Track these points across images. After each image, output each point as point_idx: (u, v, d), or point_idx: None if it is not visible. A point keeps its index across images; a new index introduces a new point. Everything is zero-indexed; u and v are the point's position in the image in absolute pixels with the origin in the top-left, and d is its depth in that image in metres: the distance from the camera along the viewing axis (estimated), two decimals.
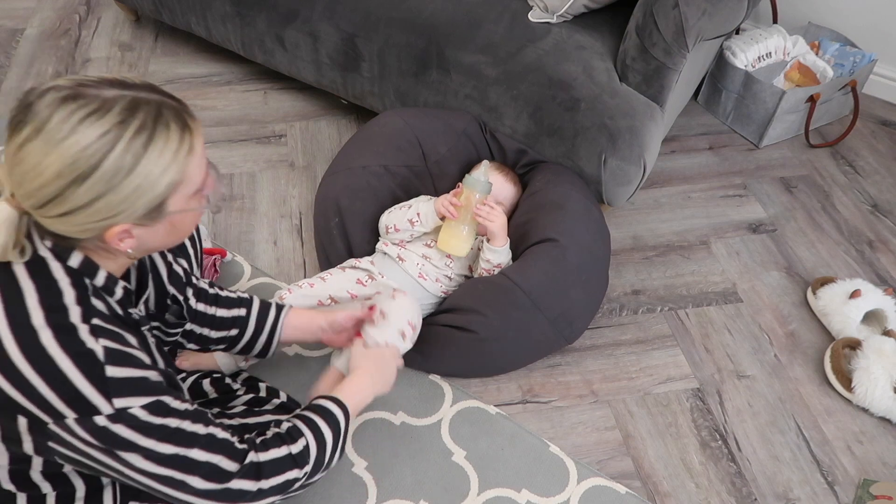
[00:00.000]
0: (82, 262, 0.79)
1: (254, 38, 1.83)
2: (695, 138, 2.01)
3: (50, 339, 0.74)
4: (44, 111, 0.71)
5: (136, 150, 0.73)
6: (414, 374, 1.38)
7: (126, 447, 0.78)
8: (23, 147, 0.71)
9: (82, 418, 0.75)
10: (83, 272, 0.79)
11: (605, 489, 1.25)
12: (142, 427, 0.78)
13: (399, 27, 1.61)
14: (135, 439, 0.78)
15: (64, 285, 0.77)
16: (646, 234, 1.73)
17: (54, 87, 0.72)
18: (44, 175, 0.71)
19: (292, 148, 1.87)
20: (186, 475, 0.83)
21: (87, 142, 0.71)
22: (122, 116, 0.72)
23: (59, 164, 0.70)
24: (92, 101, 0.71)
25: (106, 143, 0.71)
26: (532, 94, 1.52)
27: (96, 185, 0.72)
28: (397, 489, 1.23)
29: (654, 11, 1.38)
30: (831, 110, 2.02)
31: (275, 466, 0.91)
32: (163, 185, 0.76)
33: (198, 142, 0.79)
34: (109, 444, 0.77)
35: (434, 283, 1.40)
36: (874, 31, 2.08)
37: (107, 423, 0.76)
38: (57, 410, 0.74)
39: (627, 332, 1.51)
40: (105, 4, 2.30)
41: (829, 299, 1.53)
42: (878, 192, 1.88)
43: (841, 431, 1.37)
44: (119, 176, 0.72)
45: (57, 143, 0.70)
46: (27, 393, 0.74)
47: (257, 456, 0.90)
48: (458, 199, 1.37)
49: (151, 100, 0.75)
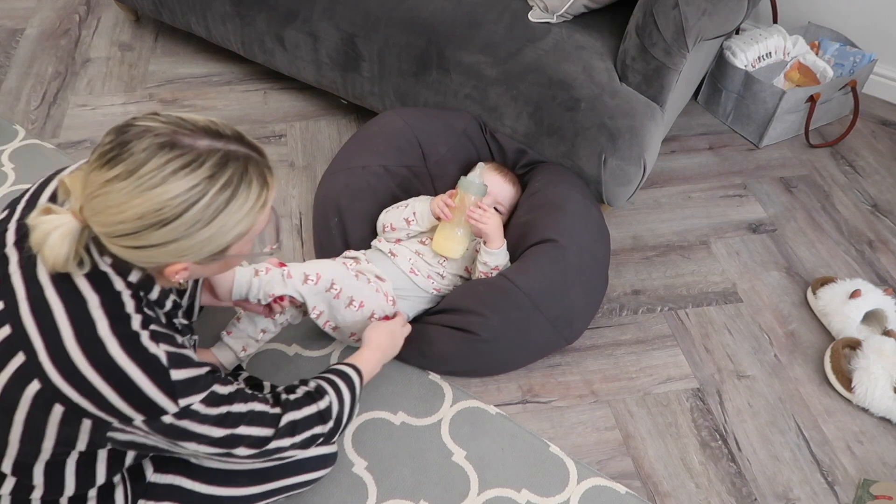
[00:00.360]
0: (140, 278, 0.83)
1: (254, 38, 1.83)
2: (695, 138, 2.01)
3: (117, 348, 0.78)
4: (139, 154, 0.74)
5: (219, 204, 0.77)
6: (414, 374, 1.38)
7: (186, 437, 0.84)
8: (111, 183, 0.74)
9: (150, 420, 0.80)
10: (141, 286, 0.84)
11: (605, 489, 1.25)
12: (201, 418, 0.84)
13: (399, 27, 1.61)
14: (194, 429, 0.84)
15: (125, 297, 0.81)
16: (646, 234, 1.73)
17: (152, 130, 0.75)
18: (126, 213, 0.74)
19: (292, 148, 1.87)
20: (233, 448, 0.89)
21: (176, 192, 0.74)
22: (213, 171, 0.76)
23: (143, 208, 0.74)
24: (187, 152, 0.75)
25: (193, 195, 0.75)
26: (532, 94, 1.52)
27: (173, 231, 0.76)
28: (397, 489, 1.23)
29: (654, 11, 1.38)
30: (831, 110, 2.02)
31: (306, 423, 0.98)
32: (232, 236, 0.81)
33: (271, 196, 0.85)
34: (172, 438, 0.83)
35: (426, 280, 1.40)
36: (874, 31, 2.08)
37: (172, 420, 0.81)
38: (125, 415, 0.79)
39: (627, 332, 1.51)
40: (105, 4, 2.30)
41: (829, 299, 1.53)
42: (878, 192, 1.88)
43: (841, 431, 1.37)
44: (197, 226, 0.77)
45: (146, 189, 0.73)
46: (97, 401, 0.78)
47: (292, 415, 0.96)
48: (452, 201, 1.37)
49: (240, 154, 0.79)
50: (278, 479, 1.08)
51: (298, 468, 1.10)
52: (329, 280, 1.26)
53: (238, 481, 1.05)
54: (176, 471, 1.01)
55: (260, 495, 1.08)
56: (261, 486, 1.07)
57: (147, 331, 0.81)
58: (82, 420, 0.79)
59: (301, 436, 0.97)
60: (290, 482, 1.10)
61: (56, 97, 1.97)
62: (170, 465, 1.01)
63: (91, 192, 0.75)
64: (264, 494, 1.08)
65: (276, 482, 1.08)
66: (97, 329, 0.78)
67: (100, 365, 0.77)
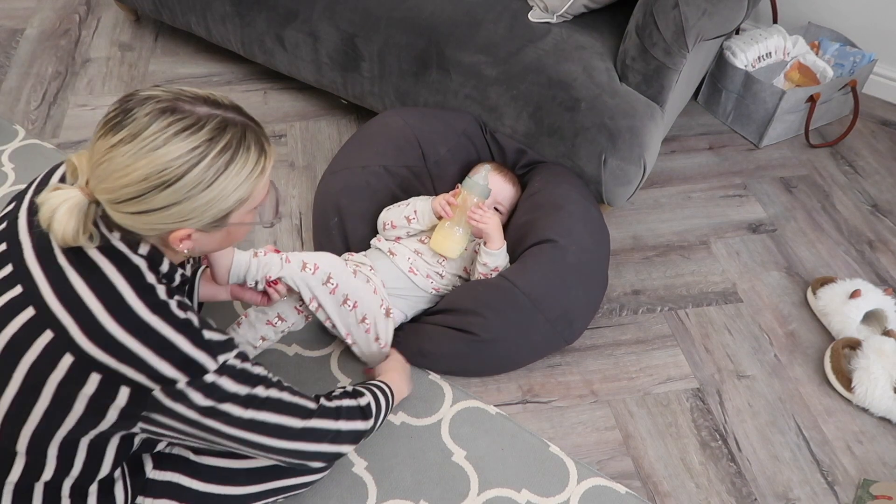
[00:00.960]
0: (150, 251, 0.86)
1: (254, 38, 1.83)
2: (695, 138, 2.01)
3: (149, 314, 0.81)
4: (142, 119, 0.77)
5: (219, 166, 0.80)
6: (414, 374, 1.38)
7: (229, 399, 0.85)
8: (116, 147, 0.77)
9: (193, 380, 0.82)
10: (151, 259, 0.86)
11: (605, 489, 1.25)
12: (239, 374, 0.86)
13: (399, 27, 1.61)
14: (236, 389, 0.86)
15: (144, 269, 0.84)
16: (646, 234, 1.73)
17: (154, 97, 0.79)
18: (130, 176, 0.77)
19: (292, 148, 1.87)
20: (276, 415, 0.90)
21: (178, 153, 0.77)
22: (212, 134, 0.79)
23: (147, 170, 0.77)
24: (187, 116, 0.78)
25: (194, 157, 0.78)
26: (532, 94, 1.52)
27: (176, 193, 0.79)
28: (397, 489, 1.23)
29: (654, 11, 1.38)
30: (831, 110, 2.02)
31: (350, 412, 1.01)
32: (232, 201, 0.83)
33: (269, 165, 0.87)
34: (215, 399, 0.84)
35: (425, 279, 1.40)
36: (874, 31, 2.08)
37: (214, 378, 0.83)
38: (167, 377, 0.81)
39: (627, 332, 1.51)
40: (105, 4, 2.30)
41: (829, 299, 1.53)
42: (878, 192, 1.88)
43: (841, 431, 1.37)
44: (198, 188, 0.79)
45: (150, 151, 0.77)
46: (137, 365, 0.80)
47: (332, 402, 1.00)
48: (454, 199, 1.38)
49: (238, 121, 0.82)
50: (276, 480, 1.08)
51: (296, 470, 1.10)
52: (326, 273, 1.26)
53: (236, 480, 1.05)
54: (174, 468, 1.01)
55: (257, 495, 1.07)
56: (258, 485, 1.07)
57: (173, 300, 0.84)
58: (119, 388, 0.80)
59: (347, 424, 1.00)
60: (288, 483, 1.10)
61: (56, 97, 1.97)
62: (168, 463, 1.01)
63: (97, 160, 0.78)
64: (261, 494, 1.08)
65: (274, 482, 1.08)
66: (126, 299, 0.81)
67: (136, 331, 0.80)
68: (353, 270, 1.32)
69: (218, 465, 1.04)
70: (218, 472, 1.04)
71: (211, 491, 1.03)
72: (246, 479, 1.06)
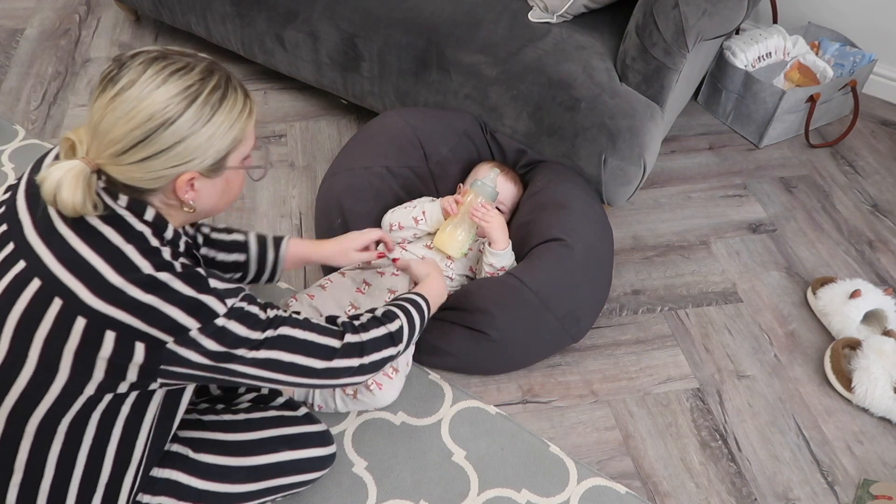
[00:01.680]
0: (155, 216, 0.88)
1: (254, 38, 1.83)
2: (695, 138, 2.01)
3: (156, 271, 0.83)
4: (137, 67, 0.82)
5: (213, 103, 0.85)
6: (414, 374, 1.38)
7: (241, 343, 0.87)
8: (119, 95, 0.81)
9: (205, 325, 0.84)
10: (156, 225, 0.88)
11: (605, 489, 1.25)
12: (247, 317, 0.88)
13: (399, 27, 1.61)
14: (246, 333, 0.87)
15: (148, 234, 0.86)
16: (646, 234, 1.73)
17: (143, 51, 0.85)
18: (136, 118, 0.81)
19: (292, 148, 1.87)
20: (294, 355, 0.92)
21: (176, 91, 0.82)
22: (203, 75, 0.84)
23: (151, 109, 0.81)
24: (178, 61, 0.84)
25: (190, 94, 0.83)
26: (532, 94, 1.52)
27: (179, 129, 0.82)
28: (397, 489, 1.23)
29: (654, 11, 1.38)
30: (831, 110, 2.02)
31: (376, 344, 1.01)
32: (229, 139, 0.87)
33: (255, 108, 0.92)
34: (227, 345, 0.86)
35: None
36: (874, 31, 2.08)
37: (224, 321, 0.85)
38: (181, 325, 0.83)
39: (627, 332, 1.51)
40: (105, 4, 2.30)
41: (829, 299, 1.53)
42: (878, 192, 1.88)
43: (841, 431, 1.37)
44: (198, 124, 0.84)
45: (151, 91, 0.81)
46: (149, 317, 0.81)
47: (359, 336, 1.00)
48: (462, 199, 1.39)
49: (221, 67, 0.88)
50: (275, 478, 1.09)
51: (296, 468, 1.11)
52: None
53: (234, 478, 1.05)
54: (173, 465, 1.01)
55: (256, 493, 1.08)
56: (257, 483, 1.07)
57: (177, 261, 0.86)
58: (135, 345, 0.82)
59: (371, 356, 1.00)
60: (287, 482, 1.10)
61: (56, 97, 1.97)
62: (167, 460, 1.01)
63: (98, 117, 0.82)
64: (260, 492, 1.08)
65: (273, 481, 1.09)
66: (132, 259, 0.83)
67: (144, 284, 0.81)
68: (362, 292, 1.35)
69: (217, 463, 1.04)
70: (217, 469, 1.04)
71: (210, 488, 1.03)
72: (245, 476, 1.06)
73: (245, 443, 1.07)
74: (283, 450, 1.09)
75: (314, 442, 1.14)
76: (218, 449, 1.05)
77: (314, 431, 1.15)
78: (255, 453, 1.07)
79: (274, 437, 1.10)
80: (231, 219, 1.67)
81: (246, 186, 1.75)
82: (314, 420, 1.17)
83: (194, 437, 1.05)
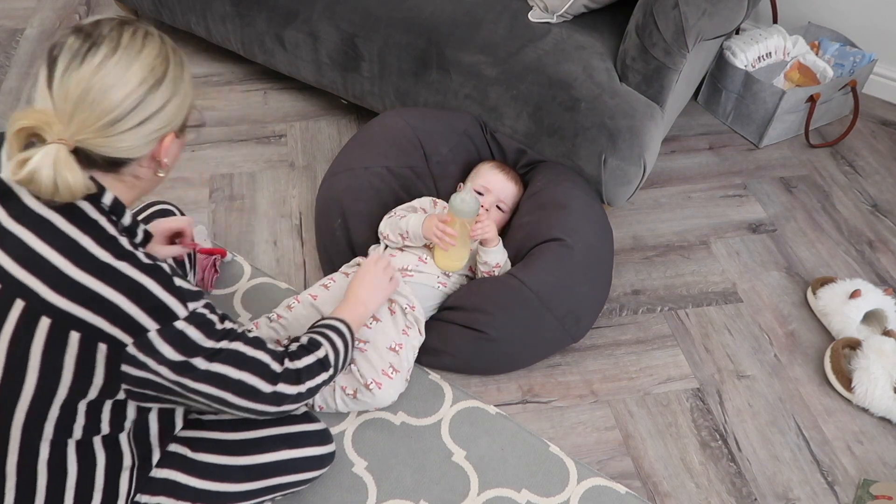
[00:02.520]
0: (113, 201, 0.86)
1: (254, 38, 1.83)
2: (695, 138, 2.01)
3: (118, 262, 0.81)
4: (112, 34, 0.82)
5: (179, 61, 0.87)
6: (414, 374, 1.38)
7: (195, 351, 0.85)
8: (102, 65, 0.80)
9: (164, 327, 0.82)
10: (113, 212, 0.87)
11: (605, 489, 1.25)
12: (206, 324, 0.86)
13: (399, 27, 1.61)
14: (203, 341, 0.86)
15: (103, 223, 0.84)
16: (646, 234, 1.73)
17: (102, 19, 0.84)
18: (129, 84, 0.81)
19: (292, 148, 1.87)
20: (242, 372, 0.90)
21: (155, 52, 0.84)
22: (160, 37, 0.86)
23: (142, 72, 0.82)
24: (137, 25, 0.85)
25: (165, 53, 0.85)
26: (532, 94, 1.52)
27: (168, 87, 0.84)
28: (397, 489, 1.23)
29: (654, 11, 1.38)
30: (831, 110, 2.02)
31: (310, 371, 1.00)
32: (191, 96, 0.90)
33: None
34: (184, 351, 0.84)
35: (431, 277, 1.40)
36: (874, 31, 2.08)
37: (184, 325, 0.84)
38: (140, 325, 0.81)
39: (627, 332, 1.51)
40: (105, 4, 2.30)
41: (829, 299, 1.53)
42: (878, 192, 1.88)
43: (841, 431, 1.37)
44: (178, 80, 0.86)
45: (136, 54, 0.82)
46: (111, 314, 0.80)
47: (294, 364, 0.98)
48: (451, 229, 1.32)
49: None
50: (273, 477, 1.09)
51: (295, 467, 1.11)
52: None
53: (232, 477, 1.05)
54: (171, 465, 1.01)
55: (254, 492, 1.08)
56: (255, 482, 1.07)
57: (137, 250, 0.84)
58: (98, 346, 0.80)
59: (308, 384, 0.99)
60: (286, 480, 1.10)
61: None
62: (165, 460, 1.01)
63: (80, 92, 0.79)
64: (259, 491, 1.08)
65: (271, 480, 1.08)
66: (89, 250, 0.81)
67: (105, 276, 0.80)
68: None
69: (215, 462, 1.04)
70: (215, 468, 1.04)
71: (208, 488, 1.03)
72: (244, 475, 1.06)
73: (243, 442, 1.07)
74: (281, 448, 1.09)
75: (313, 440, 1.13)
76: (216, 448, 1.05)
77: (313, 430, 1.14)
78: (253, 452, 1.07)
79: (272, 436, 1.09)
80: (231, 219, 1.67)
81: (245, 186, 1.75)
82: (313, 418, 1.16)
83: (192, 436, 1.05)
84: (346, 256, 1.47)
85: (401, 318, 1.33)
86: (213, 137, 1.89)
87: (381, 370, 1.26)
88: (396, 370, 1.28)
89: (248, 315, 1.46)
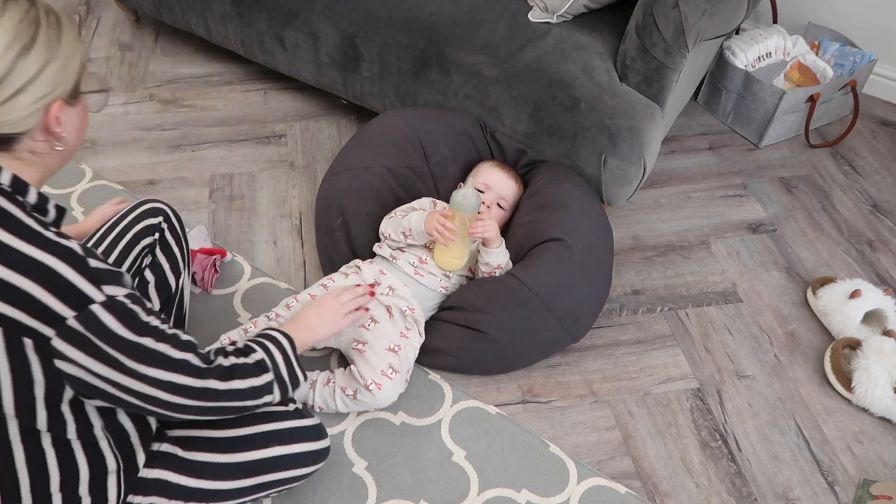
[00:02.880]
0: (12, 179, 0.83)
1: (254, 38, 1.83)
2: (695, 138, 2.01)
3: (27, 246, 0.77)
4: None
5: (55, 24, 0.83)
6: (414, 374, 1.38)
7: (116, 343, 0.81)
8: None
9: (80, 313, 0.78)
10: (15, 190, 0.83)
11: (605, 489, 1.25)
12: (127, 316, 0.82)
13: (399, 27, 1.61)
14: (123, 333, 0.81)
15: (4, 204, 0.80)
16: (646, 234, 1.73)
17: None
18: None
19: (292, 148, 1.87)
20: (168, 372, 0.86)
21: (20, 16, 0.79)
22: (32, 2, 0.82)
23: (5, 38, 0.78)
24: None
25: (33, 17, 0.81)
26: (532, 94, 1.52)
27: (40, 52, 0.80)
28: (397, 489, 1.23)
29: (654, 11, 1.38)
30: (831, 110, 2.02)
31: (244, 371, 0.95)
32: (78, 60, 0.85)
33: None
34: (104, 341, 0.79)
35: (433, 279, 1.40)
36: (874, 31, 2.08)
37: (100, 311, 0.79)
38: (57, 314, 0.77)
39: (627, 332, 1.51)
40: (105, 4, 2.30)
41: (829, 299, 1.53)
42: (878, 192, 1.88)
43: (841, 431, 1.37)
44: (52, 44, 0.81)
45: None
46: (25, 304, 0.76)
47: (226, 361, 0.94)
48: (451, 223, 1.32)
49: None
50: (267, 474, 1.08)
51: (289, 463, 1.10)
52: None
53: (225, 475, 1.04)
54: (163, 465, 1.01)
55: (248, 489, 1.07)
56: (249, 479, 1.06)
57: (48, 231, 0.80)
58: (24, 341, 0.77)
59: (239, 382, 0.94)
60: (280, 477, 1.10)
61: None
62: (157, 460, 1.01)
63: None
64: (253, 488, 1.08)
65: (265, 476, 1.08)
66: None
67: (15, 264, 0.76)
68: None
69: (208, 461, 1.03)
70: (208, 466, 1.03)
71: (201, 486, 1.02)
72: (237, 472, 1.05)
73: (236, 439, 1.06)
74: (274, 445, 1.08)
75: (306, 436, 1.12)
76: (208, 446, 1.04)
77: (306, 425, 1.13)
78: (246, 449, 1.06)
79: (265, 433, 1.08)
80: (231, 219, 1.67)
81: (245, 186, 1.75)
82: (306, 414, 1.15)
83: (183, 435, 1.04)
84: (347, 257, 1.47)
85: (400, 320, 1.33)
86: (213, 137, 1.89)
87: (381, 371, 1.26)
88: (396, 371, 1.28)
89: (248, 315, 1.46)
